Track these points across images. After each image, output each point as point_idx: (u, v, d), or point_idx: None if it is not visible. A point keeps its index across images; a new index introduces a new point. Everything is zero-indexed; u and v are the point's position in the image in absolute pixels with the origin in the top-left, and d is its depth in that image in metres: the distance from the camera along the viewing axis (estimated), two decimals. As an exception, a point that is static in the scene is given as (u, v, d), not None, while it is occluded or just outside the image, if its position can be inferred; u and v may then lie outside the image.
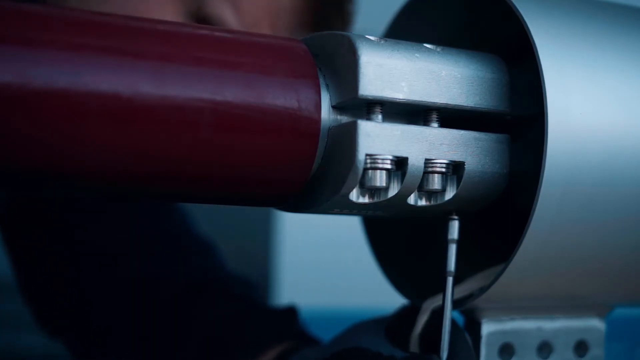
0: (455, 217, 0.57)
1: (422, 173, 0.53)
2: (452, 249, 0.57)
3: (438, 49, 0.54)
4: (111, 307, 0.91)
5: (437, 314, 0.59)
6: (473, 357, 0.57)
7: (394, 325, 0.64)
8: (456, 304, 0.58)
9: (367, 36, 0.53)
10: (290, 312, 0.85)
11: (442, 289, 0.57)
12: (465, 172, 0.55)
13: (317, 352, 0.69)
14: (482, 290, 0.56)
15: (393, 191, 0.53)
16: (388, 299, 0.67)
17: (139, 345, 0.89)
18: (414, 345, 0.61)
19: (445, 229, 0.57)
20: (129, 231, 0.93)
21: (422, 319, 0.60)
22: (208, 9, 0.77)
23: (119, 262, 0.92)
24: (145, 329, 0.89)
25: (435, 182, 0.54)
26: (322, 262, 1.80)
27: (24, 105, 0.44)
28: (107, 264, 0.92)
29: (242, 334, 0.83)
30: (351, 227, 0.77)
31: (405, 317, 0.64)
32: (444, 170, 0.54)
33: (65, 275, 0.93)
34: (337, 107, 0.53)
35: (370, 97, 0.52)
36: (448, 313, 0.57)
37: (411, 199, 0.54)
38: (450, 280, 0.57)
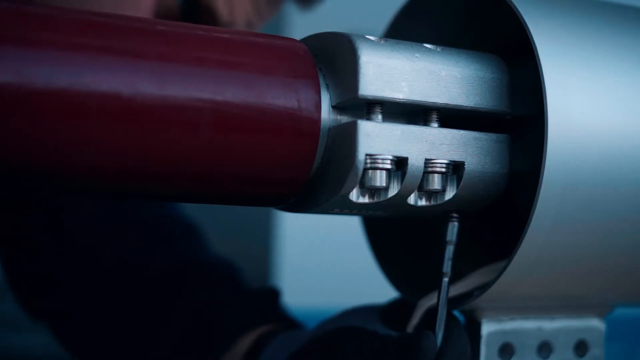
0: (456, 216, 0.57)
1: (422, 173, 0.53)
2: (449, 250, 0.57)
3: (438, 49, 0.54)
4: (94, 291, 0.91)
5: (433, 312, 0.59)
6: (467, 344, 0.58)
7: (387, 313, 0.64)
8: (456, 303, 0.58)
9: (367, 36, 0.53)
10: (271, 294, 0.85)
11: (438, 289, 0.57)
12: (465, 172, 0.54)
13: (305, 335, 0.69)
14: (482, 289, 0.56)
15: (393, 191, 0.53)
16: (388, 299, 0.67)
17: (121, 330, 0.89)
18: None
19: (444, 230, 0.57)
20: (111, 215, 0.93)
21: (417, 316, 0.60)
22: None
23: (101, 246, 0.91)
24: (127, 313, 0.89)
25: (435, 182, 0.54)
26: (322, 262, 1.80)
27: (24, 105, 0.44)
28: (90, 248, 0.92)
29: (222, 317, 0.82)
30: (351, 227, 0.77)
31: (399, 306, 0.64)
32: (444, 170, 0.54)
33: (49, 258, 0.93)
34: (337, 107, 0.53)
35: (370, 97, 0.52)
36: (443, 313, 0.57)
37: (411, 199, 0.54)
38: (445, 281, 0.57)
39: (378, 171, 0.52)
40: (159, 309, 0.87)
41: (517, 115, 0.57)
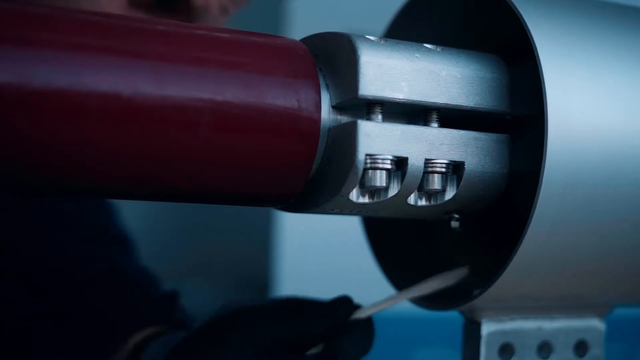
0: (456, 216, 0.57)
1: (422, 173, 0.53)
2: None
3: (438, 49, 0.54)
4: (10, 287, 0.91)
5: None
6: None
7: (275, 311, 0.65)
8: (456, 303, 0.58)
9: (367, 36, 0.53)
10: (170, 297, 0.86)
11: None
12: (465, 172, 0.54)
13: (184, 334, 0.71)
14: (482, 290, 0.56)
15: (393, 191, 0.53)
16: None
17: (24, 326, 0.89)
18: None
19: None
20: (42, 216, 0.94)
21: (388, 304, 0.61)
22: None
23: (23, 245, 0.92)
24: (34, 311, 0.89)
25: (435, 182, 0.54)
26: (322, 263, 1.80)
27: (24, 105, 0.44)
28: (14, 247, 0.92)
29: (119, 317, 0.84)
30: (351, 227, 0.77)
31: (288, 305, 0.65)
32: (444, 170, 0.54)
33: None
34: (337, 107, 0.53)
35: (370, 97, 0.52)
36: None
37: (411, 199, 0.54)
38: None
39: (378, 171, 0.52)
40: (63, 306, 0.87)
41: (517, 115, 0.57)
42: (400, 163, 0.53)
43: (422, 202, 0.55)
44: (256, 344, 0.62)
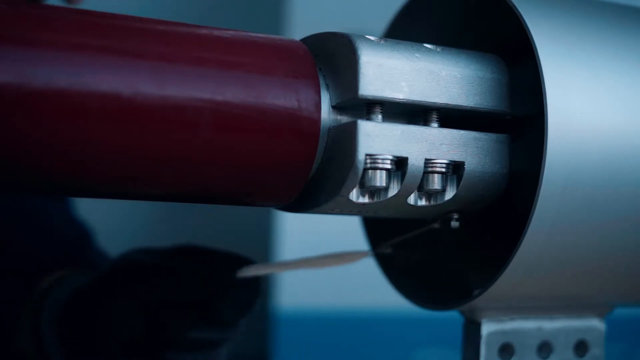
0: (456, 216, 0.57)
1: (422, 173, 0.53)
2: None
3: (438, 49, 0.54)
4: None
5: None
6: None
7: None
8: (456, 303, 0.58)
9: (367, 36, 0.53)
10: (83, 238, 0.86)
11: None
12: (465, 172, 0.55)
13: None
14: (482, 290, 0.56)
15: (393, 191, 0.53)
16: (388, 299, 0.67)
17: None
18: None
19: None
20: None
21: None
22: None
23: None
24: None
25: (435, 182, 0.54)
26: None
27: (24, 105, 0.44)
28: None
29: (32, 261, 0.84)
30: (351, 227, 0.77)
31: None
32: (444, 170, 0.54)
33: None
34: (337, 107, 0.53)
35: (370, 97, 0.52)
36: None
37: (411, 199, 0.54)
38: None
39: (378, 171, 0.52)
40: None
41: (517, 115, 0.57)
42: (400, 163, 0.53)
43: (422, 202, 0.55)
44: (142, 302, 0.64)
